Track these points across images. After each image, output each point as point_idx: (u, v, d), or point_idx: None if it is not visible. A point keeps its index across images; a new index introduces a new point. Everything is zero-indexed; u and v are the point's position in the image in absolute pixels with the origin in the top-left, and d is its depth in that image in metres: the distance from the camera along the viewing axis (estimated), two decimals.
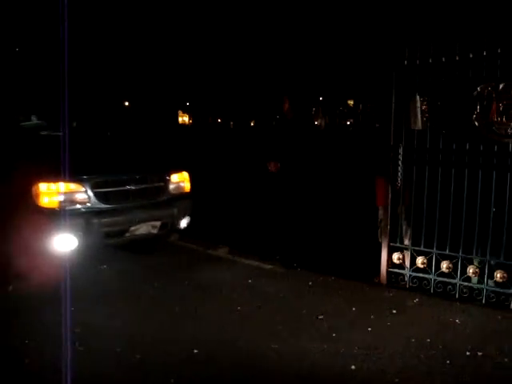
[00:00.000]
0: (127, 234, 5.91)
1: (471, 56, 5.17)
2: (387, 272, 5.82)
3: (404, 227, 5.88)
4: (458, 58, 5.25)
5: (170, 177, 6.39)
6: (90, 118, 8.20)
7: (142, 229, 5.98)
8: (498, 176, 5.11)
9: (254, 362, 4.14)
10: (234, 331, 4.63)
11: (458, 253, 5.33)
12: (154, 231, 6.16)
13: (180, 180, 6.55)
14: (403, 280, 5.72)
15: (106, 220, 5.64)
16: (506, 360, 4.10)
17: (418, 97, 5.48)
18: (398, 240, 5.80)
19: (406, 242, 5.82)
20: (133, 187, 5.92)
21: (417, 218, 5.65)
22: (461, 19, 5.16)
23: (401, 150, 5.61)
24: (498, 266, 5.16)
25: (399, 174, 5.64)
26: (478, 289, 5.26)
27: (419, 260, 5.59)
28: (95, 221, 5.54)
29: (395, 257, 5.77)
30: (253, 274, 6.17)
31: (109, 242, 5.97)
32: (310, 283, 5.89)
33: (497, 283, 5.17)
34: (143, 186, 6.08)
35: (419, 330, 4.64)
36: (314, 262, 6.42)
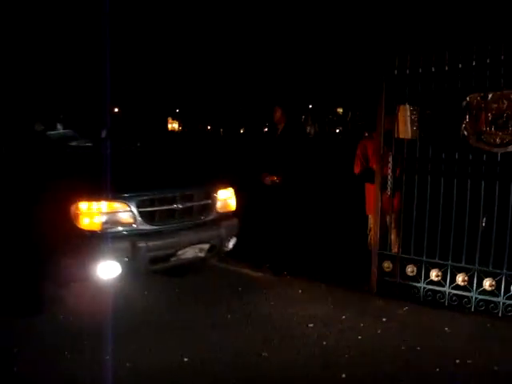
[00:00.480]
0: (173, 259, 5.23)
1: (460, 66, 5.22)
2: (377, 280, 5.84)
3: (393, 235, 5.92)
4: (447, 68, 5.30)
5: (216, 193, 5.68)
6: (117, 126, 7.64)
7: (189, 252, 5.31)
8: (486, 185, 5.16)
9: (243, 371, 4.13)
10: (223, 340, 4.63)
11: (448, 261, 5.37)
12: (202, 254, 5.48)
13: (226, 196, 5.83)
14: (393, 288, 5.74)
15: (153, 243, 4.94)
16: (495, 368, 4.12)
17: (407, 106, 5.53)
18: (387, 248, 5.83)
19: (396, 250, 5.86)
20: (180, 206, 5.23)
21: (406, 226, 5.68)
22: (450, 30, 5.22)
23: (390, 159, 5.64)
24: (487, 274, 5.19)
25: (389, 182, 5.68)
26: (467, 297, 5.29)
27: (408, 268, 5.62)
28: (141, 245, 4.84)
29: (385, 265, 5.79)
30: (242, 282, 6.17)
31: (154, 268, 5.32)
32: (300, 291, 5.90)
33: (486, 291, 5.20)
34: (190, 204, 5.39)
35: (409, 337, 4.66)
36: (305, 270, 6.43)
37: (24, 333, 4.57)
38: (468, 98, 5.18)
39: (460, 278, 5.30)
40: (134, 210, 4.88)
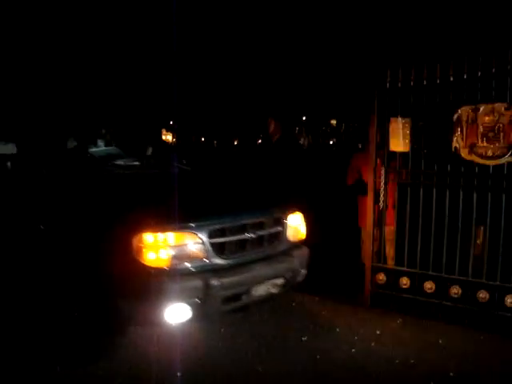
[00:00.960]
0: (245, 297, 4.50)
1: (452, 79, 5.26)
2: (371, 293, 5.83)
3: (387, 247, 5.92)
4: (438, 81, 5.34)
5: (286, 219, 4.99)
6: (164, 143, 7.68)
7: (261, 289, 4.62)
8: (479, 197, 5.18)
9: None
10: (219, 352, 4.60)
11: (441, 273, 5.37)
12: (274, 290, 4.79)
13: (296, 222, 5.14)
14: (387, 300, 5.73)
15: (226, 281, 4.20)
16: (488, 381, 4.12)
17: (399, 119, 5.55)
18: (381, 260, 5.83)
19: (389, 262, 5.86)
20: (252, 235, 4.51)
21: (399, 238, 5.69)
22: (442, 43, 5.26)
23: (383, 171, 5.66)
24: (480, 287, 5.19)
25: (381, 194, 5.69)
26: (461, 309, 5.29)
27: (402, 280, 5.62)
28: (215, 283, 4.11)
29: (378, 277, 5.79)
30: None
31: (225, 309, 4.55)
32: (294, 304, 5.88)
33: (480, 304, 5.20)
34: (262, 233, 4.66)
35: (403, 350, 4.65)
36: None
37: (85, 381, 4.06)
38: (459, 111, 5.21)
39: (453, 291, 5.30)
40: (206, 241, 4.16)
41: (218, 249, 4.26)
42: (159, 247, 3.99)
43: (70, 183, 4.92)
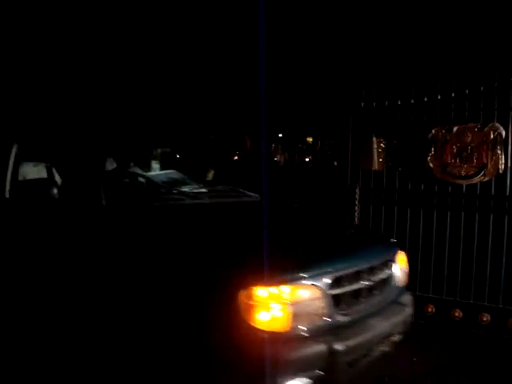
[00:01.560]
0: (361, 362, 3.42)
1: (426, 99, 5.32)
2: None
3: None
4: (413, 101, 5.40)
5: (395, 261, 3.98)
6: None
7: (378, 349, 3.59)
8: (452, 216, 5.22)
9: None
10: None
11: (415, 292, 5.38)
12: (388, 349, 3.66)
13: (403, 264, 4.16)
14: None
15: (350, 343, 3.17)
16: None
17: (374, 138, 5.59)
18: None
19: None
20: (367, 282, 3.51)
21: None
22: (416, 64, 5.32)
23: (357, 190, 5.69)
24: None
25: (356, 213, 5.71)
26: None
27: None
28: (339, 347, 3.09)
29: None
30: None
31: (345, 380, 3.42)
32: None
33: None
34: (375, 280, 3.61)
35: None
36: None
37: None
38: (433, 131, 5.27)
39: (429, 309, 5.32)
40: (326, 293, 3.16)
41: (338, 303, 3.28)
42: (274, 305, 2.96)
43: (139, 219, 3.64)
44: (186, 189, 4.35)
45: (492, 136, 4.99)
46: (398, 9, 5.44)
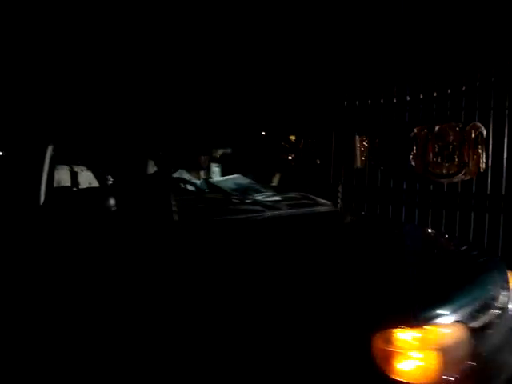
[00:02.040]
0: None
1: (408, 99, 5.35)
2: None
3: None
4: (395, 100, 5.43)
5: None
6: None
7: None
8: (433, 214, 5.26)
9: None
10: None
11: None
12: None
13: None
14: None
15: None
16: None
17: (357, 136, 5.62)
18: None
19: None
20: (497, 311, 2.83)
21: None
22: (398, 63, 5.36)
23: (340, 188, 5.70)
24: None
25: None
26: None
27: None
28: None
29: None
30: None
31: None
32: None
33: None
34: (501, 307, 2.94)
35: None
36: None
37: None
38: (415, 130, 5.30)
39: None
40: (471, 331, 2.46)
41: (479, 341, 2.55)
42: (419, 350, 2.25)
43: (220, 239, 2.83)
44: (259, 197, 3.60)
45: (473, 135, 5.04)
46: (381, 9, 5.47)
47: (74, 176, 3.72)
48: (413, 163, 5.31)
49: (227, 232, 2.89)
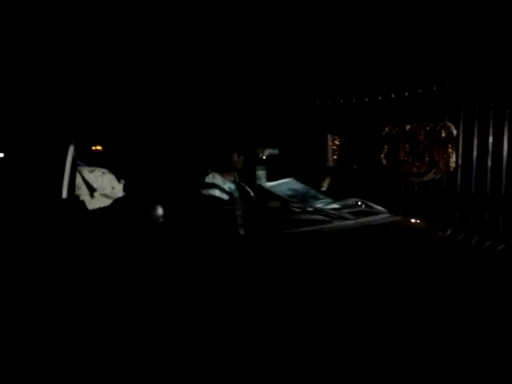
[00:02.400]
0: None
1: (380, 98, 5.40)
2: None
3: None
4: (367, 100, 5.46)
5: None
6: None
7: None
8: (404, 212, 5.30)
9: None
10: None
11: None
12: None
13: None
14: None
15: None
16: None
17: (329, 135, 5.64)
18: None
19: None
20: None
21: None
22: (370, 63, 5.39)
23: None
24: None
25: None
26: None
27: None
28: None
29: None
30: None
31: None
32: None
33: None
34: None
35: None
36: None
37: None
38: (386, 129, 5.35)
39: None
40: None
41: None
42: None
43: (294, 259, 2.28)
44: (319, 204, 3.19)
45: (443, 135, 5.10)
46: (350, 8, 5.50)
47: (94, 179, 3.30)
48: (384, 162, 5.35)
49: (298, 248, 2.40)
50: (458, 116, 5.07)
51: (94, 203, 2.90)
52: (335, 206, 3.13)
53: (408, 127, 5.25)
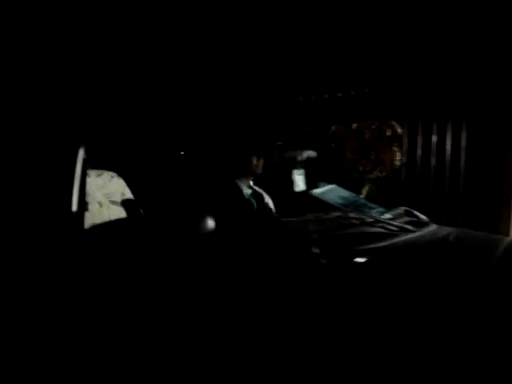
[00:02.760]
0: None
1: (326, 96, 5.45)
2: None
3: None
4: (314, 98, 5.50)
5: None
6: None
7: None
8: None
9: None
10: None
11: None
12: None
13: None
14: None
15: None
16: None
17: None
18: None
19: None
20: None
21: None
22: (317, 62, 5.42)
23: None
24: None
25: None
26: None
27: None
28: None
29: None
30: None
31: None
32: None
33: None
34: None
35: None
36: None
37: None
38: (333, 127, 5.41)
39: None
40: None
41: None
42: None
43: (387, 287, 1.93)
44: (375, 214, 2.88)
45: (388, 133, 5.21)
46: (298, 9, 5.51)
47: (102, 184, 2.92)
48: (335, 159, 5.42)
49: (384, 268, 2.07)
50: (403, 115, 5.19)
51: (103, 212, 2.64)
52: (388, 215, 2.90)
53: (354, 126, 5.33)
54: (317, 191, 3.30)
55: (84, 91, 2.55)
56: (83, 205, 2.36)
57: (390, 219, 2.70)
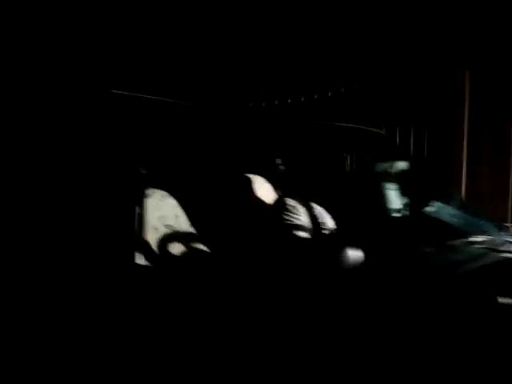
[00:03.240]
0: None
1: (289, 101, 5.44)
2: None
3: None
4: (277, 103, 5.49)
5: None
6: None
7: None
8: None
9: None
10: None
11: None
12: None
13: None
14: None
15: None
16: None
17: None
18: None
19: None
20: None
21: None
22: (280, 66, 5.39)
23: None
24: None
25: None
26: None
27: None
28: None
29: None
30: None
31: None
32: None
33: None
34: None
35: None
36: None
37: None
38: None
39: None
40: None
41: None
42: None
43: None
44: (494, 235, 2.44)
45: None
46: (264, 10, 5.44)
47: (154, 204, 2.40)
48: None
49: None
50: (367, 117, 5.20)
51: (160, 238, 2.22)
52: (505, 235, 2.47)
53: None
54: (431, 209, 2.63)
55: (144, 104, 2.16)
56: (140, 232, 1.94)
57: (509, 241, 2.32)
